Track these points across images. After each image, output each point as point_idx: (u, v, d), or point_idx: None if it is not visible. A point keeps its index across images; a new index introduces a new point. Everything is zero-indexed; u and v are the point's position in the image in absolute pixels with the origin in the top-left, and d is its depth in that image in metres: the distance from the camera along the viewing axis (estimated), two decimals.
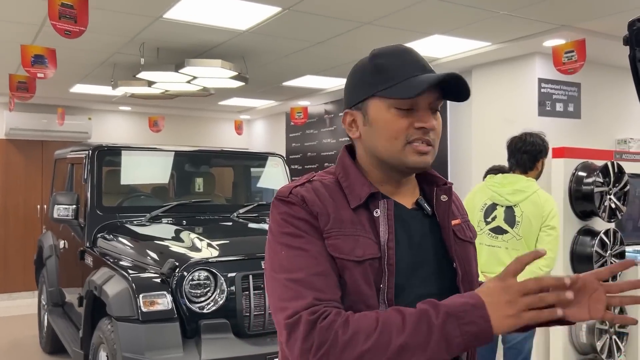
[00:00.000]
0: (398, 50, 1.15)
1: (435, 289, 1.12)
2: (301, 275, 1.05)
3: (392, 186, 1.19)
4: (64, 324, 4.47)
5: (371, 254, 1.07)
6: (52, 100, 7.56)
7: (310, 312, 1.00)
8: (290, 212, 1.11)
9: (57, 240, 5.03)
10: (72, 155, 4.75)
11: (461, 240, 1.21)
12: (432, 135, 1.13)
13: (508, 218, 3.07)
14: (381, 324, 0.97)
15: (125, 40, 4.54)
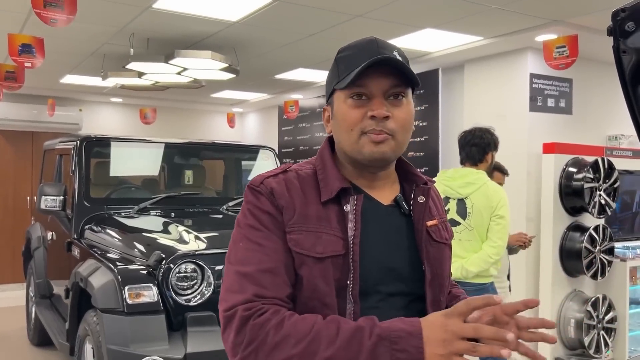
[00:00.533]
0: (359, 43, 1.13)
1: (405, 288, 1.11)
2: (250, 269, 1.04)
3: (366, 180, 1.17)
4: (51, 316, 4.44)
5: (332, 251, 1.05)
6: (43, 90, 7.49)
7: (245, 307, 1.00)
8: (256, 204, 1.10)
9: (45, 231, 4.99)
10: (61, 146, 4.71)
11: (436, 242, 1.18)
12: (390, 124, 1.09)
13: (460, 210, 3.14)
14: (314, 332, 0.96)
15: (114, 30, 4.50)
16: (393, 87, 1.10)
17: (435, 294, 1.14)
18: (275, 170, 1.16)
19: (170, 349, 2.86)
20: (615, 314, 4.50)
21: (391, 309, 1.09)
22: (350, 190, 1.12)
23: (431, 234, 1.17)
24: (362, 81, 1.09)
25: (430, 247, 1.16)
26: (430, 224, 1.17)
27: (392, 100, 1.11)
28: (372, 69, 1.07)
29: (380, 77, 1.09)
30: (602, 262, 4.41)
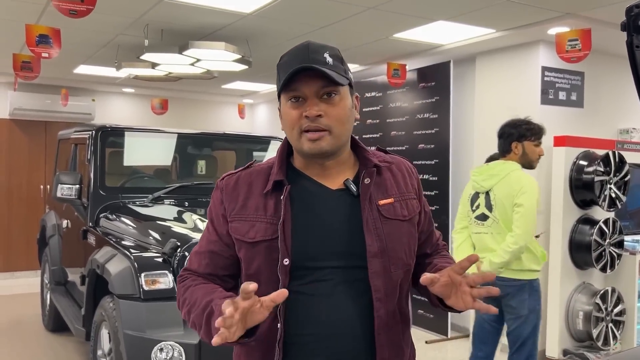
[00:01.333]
0: (294, 49, 1.28)
1: (347, 262, 1.25)
2: (195, 249, 1.39)
3: (316, 169, 1.31)
4: (67, 302, 4.53)
5: (262, 237, 1.25)
6: (56, 81, 7.56)
7: (179, 275, 1.39)
8: (213, 197, 1.36)
9: (60, 219, 5.08)
10: (76, 136, 4.78)
11: (387, 218, 1.29)
12: (324, 121, 1.23)
13: (487, 203, 3.19)
14: (194, 299, 1.27)
15: (129, 21, 4.54)
16: (322, 87, 1.23)
17: (385, 265, 1.26)
18: (240, 167, 1.38)
19: (185, 335, 2.93)
20: (624, 306, 4.53)
21: (338, 281, 1.24)
22: (283, 182, 1.28)
23: (381, 212, 1.29)
24: (295, 85, 1.23)
25: (381, 223, 1.28)
26: (383, 203, 1.30)
27: (325, 99, 1.24)
28: (303, 74, 1.21)
29: (310, 80, 1.23)
30: (611, 255, 4.43)
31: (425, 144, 5.57)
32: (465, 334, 5.21)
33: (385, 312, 1.25)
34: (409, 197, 1.35)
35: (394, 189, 1.34)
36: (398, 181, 1.36)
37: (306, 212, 1.27)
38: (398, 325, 1.30)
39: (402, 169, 1.39)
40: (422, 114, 5.62)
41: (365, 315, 1.24)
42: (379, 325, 1.24)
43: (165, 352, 2.89)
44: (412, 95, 5.76)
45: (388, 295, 1.26)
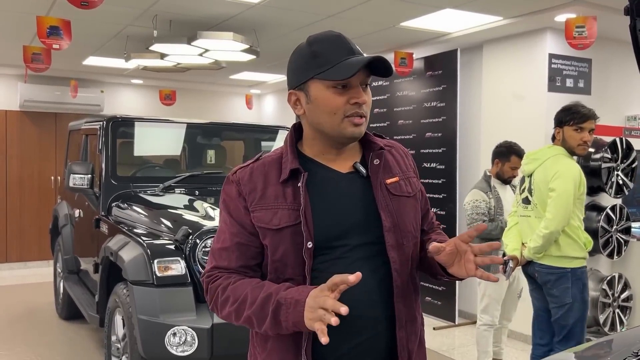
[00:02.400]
0: (331, 37, 1.33)
1: (367, 238, 1.35)
2: (216, 246, 1.40)
3: (332, 154, 1.39)
4: (80, 290, 4.61)
5: (286, 222, 1.32)
6: (65, 72, 7.62)
7: (207, 275, 1.40)
8: (228, 192, 1.40)
9: (72, 209, 5.15)
10: (87, 127, 4.84)
11: (395, 195, 1.39)
12: (364, 108, 1.33)
13: (529, 187, 3.21)
14: (244, 296, 1.31)
15: (138, 12, 4.58)
16: (365, 78, 1.33)
17: (398, 239, 1.36)
18: (248, 161, 1.43)
19: (197, 320, 2.99)
20: (630, 292, 4.56)
21: (357, 257, 1.33)
22: (299, 169, 1.35)
23: (390, 189, 1.39)
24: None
25: (390, 200, 1.38)
26: (390, 181, 1.40)
27: (363, 89, 1.33)
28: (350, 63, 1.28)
29: (360, 71, 1.29)
30: (618, 241, 4.45)
31: (432, 132, 5.59)
32: (472, 321, 5.26)
33: (401, 281, 1.36)
34: (409, 176, 1.46)
35: (397, 168, 1.44)
36: (399, 162, 1.46)
37: (322, 196, 1.35)
38: (411, 295, 1.40)
39: (399, 151, 1.50)
40: (429, 102, 5.64)
41: (383, 286, 1.34)
42: (397, 294, 1.35)
43: (178, 336, 2.95)
44: (419, 83, 5.77)
45: (403, 266, 1.36)
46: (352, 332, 1.31)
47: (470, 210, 3.78)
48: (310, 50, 1.32)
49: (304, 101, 1.35)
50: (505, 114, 5.14)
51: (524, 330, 4.91)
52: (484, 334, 3.88)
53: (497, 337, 4.05)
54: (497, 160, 3.81)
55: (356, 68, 1.26)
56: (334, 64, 1.28)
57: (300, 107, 1.37)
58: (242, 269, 1.37)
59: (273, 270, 1.34)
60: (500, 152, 3.82)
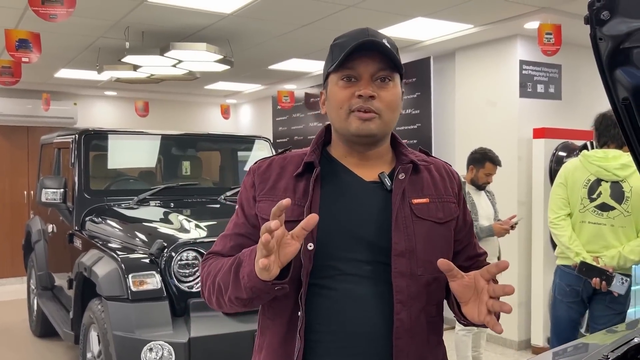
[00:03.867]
0: (351, 32, 1.25)
1: (370, 256, 1.20)
2: (223, 233, 1.36)
3: (356, 158, 1.28)
4: (54, 307, 4.52)
5: (288, 217, 1.14)
6: (37, 85, 7.51)
7: (204, 259, 1.35)
8: (245, 181, 1.34)
9: (45, 224, 5.06)
10: (59, 140, 4.77)
11: (419, 218, 1.23)
12: (375, 103, 1.20)
13: (615, 194, 2.94)
14: (218, 267, 1.26)
15: (110, 24, 4.54)
16: (379, 70, 1.21)
17: (412, 267, 1.20)
18: (277, 152, 1.36)
19: (174, 334, 2.95)
20: None
21: (361, 274, 1.19)
22: (313, 163, 1.26)
23: (414, 210, 1.23)
24: (352, 64, 1.21)
25: (413, 222, 1.22)
26: (417, 202, 1.24)
27: (379, 83, 1.22)
28: (361, 54, 1.19)
29: (368, 60, 1.20)
30: None
31: (408, 139, 5.64)
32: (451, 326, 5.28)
33: (407, 315, 1.18)
34: (447, 200, 1.29)
35: (431, 189, 1.28)
36: (436, 182, 1.30)
37: (335, 199, 1.23)
38: (423, 334, 1.22)
39: (442, 171, 1.34)
40: (404, 109, 5.68)
41: (387, 317, 1.18)
42: (398, 329, 1.17)
43: (154, 351, 2.90)
44: None
45: (413, 298, 1.19)
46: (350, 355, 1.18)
47: None
48: (330, 46, 1.27)
49: (325, 99, 1.30)
50: (479, 119, 5.21)
51: (503, 334, 4.95)
52: (462, 339, 3.90)
53: (476, 342, 4.07)
54: (472, 167, 3.85)
55: (346, 53, 1.17)
56: (342, 52, 1.19)
57: (324, 107, 1.31)
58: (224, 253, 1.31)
59: None
60: (474, 158, 3.85)
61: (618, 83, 1.38)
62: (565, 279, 3.10)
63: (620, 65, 1.35)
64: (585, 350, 1.61)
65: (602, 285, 2.84)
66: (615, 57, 1.32)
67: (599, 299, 3.01)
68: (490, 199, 3.94)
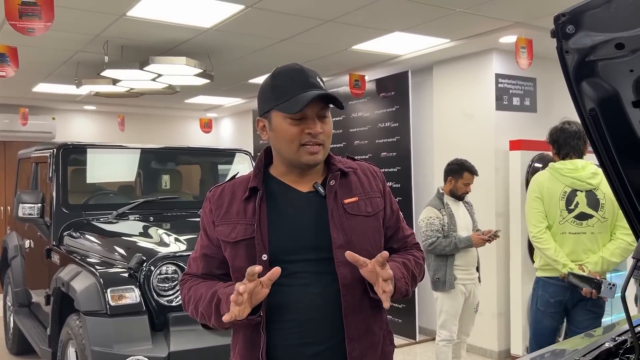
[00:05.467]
0: (291, 70, 1.44)
1: (314, 256, 1.43)
2: (191, 255, 1.59)
3: (295, 176, 1.49)
4: (31, 324, 4.45)
5: (242, 236, 1.43)
6: (15, 100, 7.44)
7: (180, 279, 1.59)
8: (204, 207, 1.55)
9: (22, 240, 4.99)
10: (37, 155, 4.72)
11: (352, 214, 1.47)
12: (321, 137, 1.43)
13: (591, 202, 3.02)
14: (199, 296, 1.46)
15: (88, 38, 4.54)
16: (321, 109, 1.43)
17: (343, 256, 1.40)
18: (227, 180, 1.57)
19: (153, 348, 2.93)
20: None
21: (310, 270, 1.42)
22: (256, 187, 1.48)
23: (346, 209, 1.46)
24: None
25: (346, 219, 1.45)
26: (348, 201, 1.48)
27: (320, 119, 1.43)
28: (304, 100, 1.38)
29: (313, 104, 1.40)
30: None
31: (387, 152, 5.69)
32: (432, 337, 5.31)
33: (351, 297, 1.42)
34: (373, 196, 1.53)
35: (359, 189, 1.51)
36: (363, 183, 1.54)
37: (279, 213, 1.45)
38: (367, 310, 1.45)
39: (367, 172, 1.57)
40: (384, 122, 5.74)
41: (336, 301, 1.41)
42: (346, 309, 1.41)
43: None
44: (373, 105, 5.88)
45: (355, 282, 1.41)
46: (310, 342, 1.41)
47: (424, 227, 3.84)
48: (272, 83, 1.44)
49: (268, 128, 1.47)
50: (456, 132, 5.28)
51: (482, 344, 4.99)
52: (442, 349, 3.92)
53: (456, 352, 4.09)
54: (450, 178, 3.90)
55: (303, 104, 1.36)
56: (289, 98, 1.39)
57: (265, 133, 1.49)
58: (208, 276, 1.52)
59: (235, 280, 1.44)
60: (452, 169, 3.91)
61: (584, 94, 1.43)
62: (550, 291, 3.13)
63: (586, 77, 1.40)
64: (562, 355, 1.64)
65: (592, 294, 2.87)
66: (581, 69, 1.37)
67: (581, 305, 3.07)
68: (468, 210, 3.99)
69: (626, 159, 1.51)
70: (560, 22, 1.30)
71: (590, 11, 1.26)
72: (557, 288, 3.08)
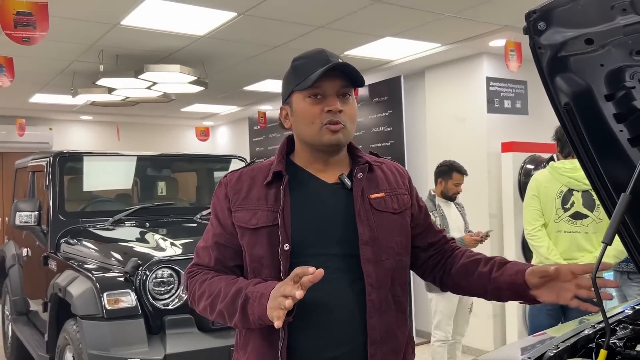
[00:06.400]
0: (311, 52, 1.41)
1: (341, 250, 1.36)
2: (200, 245, 1.47)
3: (320, 164, 1.43)
4: (29, 332, 4.47)
5: (264, 223, 1.36)
6: (11, 111, 7.50)
7: (188, 272, 1.46)
8: (217, 194, 1.46)
9: (19, 249, 5.02)
10: (34, 163, 4.77)
11: (378, 210, 1.40)
12: (342, 117, 1.37)
13: (586, 202, 3.03)
14: (217, 291, 1.35)
15: (84, 47, 4.60)
16: (342, 87, 1.37)
17: (376, 253, 1.36)
18: (244, 165, 1.50)
19: (150, 351, 2.96)
20: None
21: (336, 267, 1.34)
22: (281, 172, 1.40)
23: (372, 204, 1.40)
24: (318, 84, 1.35)
25: (372, 215, 1.39)
26: (374, 196, 1.41)
27: (341, 99, 1.38)
28: (325, 74, 1.34)
29: (332, 80, 1.36)
30: None
31: (382, 156, 5.74)
32: (429, 340, 5.33)
33: (377, 296, 1.34)
34: (400, 193, 1.46)
35: (385, 184, 1.45)
36: (389, 178, 1.47)
37: (304, 202, 1.38)
38: (391, 312, 1.38)
39: (392, 168, 1.52)
40: (377, 127, 5.80)
41: (360, 300, 1.34)
42: (370, 309, 1.33)
43: None
44: (367, 110, 5.94)
45: (380, 281, 1.35)
46: (331, 343, 1.33)
47: None
48: (292, 67, 1.41)
49: (290, 114, 1.42)
50: (449, 135, 5.34)
51: (478, 345, 5.02)
52: (438, 350, 3.96)
53: (451, 353, 4.13)
54: (440, 179, 3.95)
55: (319, 75, 1.32)
56: (308, 75, 1.34)
57: (288, 121, 1.43)
58: (220, 267, 1.41)
59: (251, 271, 1.38)
60: (442, 171, 3.96)
61: (559, 90, 1.48)
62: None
63: (559, 73, 1.45)
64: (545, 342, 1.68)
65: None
66: (554, 65, 1.42)
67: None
68: (460, 211, 4.03)
69: (602, 152, 1.55)
70: (532, 19, 1.34)
71: (560, 8, 1.30)
72: None
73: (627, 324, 1.51)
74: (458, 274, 1.47)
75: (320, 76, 1.33)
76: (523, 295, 1.38)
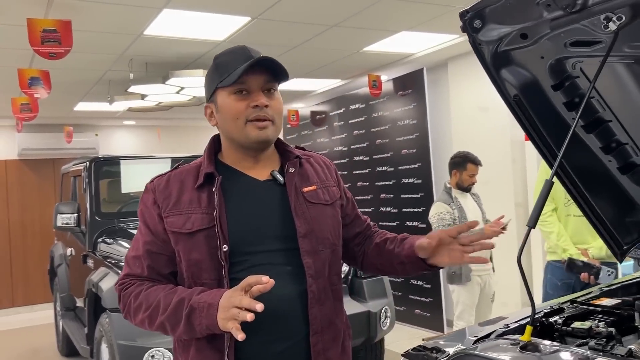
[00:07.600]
0: (233, 49, 1.42)
1: (281, 245, 1.38)
2: (130, 254, 1.44)
3: (249, 162, 1.43)
4: (75, 325, 4.80)
5: (199, 226, 1.34)
6: (59, 119, 7.94)
7: (119, 283, 1.42)
8: (145, 200, 1.43)
9: (65, 249, 5.37)
10: (74, 168, 5.10)
11: (312, 203, 1.43)
12: (269, 111, 1.37)
13: None
14: (156, 302, 1.32)
15: (114, 57, 4.87)
16: (267, 82, 1.38)
17: (313, 245, 1.39)
18: (169, 169, 1.47)
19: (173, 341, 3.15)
20: None
21: (273, 262, 1.36)
22: (214, 174, 1.39)
23: (306, 197, 1.43)
24: (243, 79, 1.35)
25: (307, 208, 1.41)
26: (307, 190, 1.44)
27: (267, 94, 1.38)
28: (249, 70, 1.34)
29: (256, 75, 1.36)
30: None
31: (407, 149, 5.79)
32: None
33: (316, 287, 1.37)
34: (329, 185, 1.50)
35: (315, 177, 1.48)
36: (317, 171, 1.50)
37: (238, 201, 1.37)
38: (329, 301, 1.41)
39: (319, 162, 1.54)
40: (402, 120, 5.85)
41: (300, 292, 1.36)
42: (311, 300, 1.36)
43: (156, 358, 3.11)
44: (391, 104, 6.00)
45: (318, 271, 1.38)
46: (276, 338, 1.34)
47: (436, 223, 3.93)
48: (215, 64, 1.41)
49: (215, 112, 1.41)
50: (473, 125, 5.33)
51: None
52: None
53: None
54: (455, 171, 3.98)
55: (242, 70, 1.31)
56: (231, 72, 1.34)
57: (213, 119, 1.42)
58: (154, 275, 1.38)
59: (189, 276, 1.35)
60: (456, 162, 3.99)
61: (506, 82, 1.55)
62: (557, 274, 3.19)
63: (503, 66, 1.52)
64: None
65: (590, 279, 2.93)
66: (497, 59, 1.50)
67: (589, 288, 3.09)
68: (476, 201, 4.06)
69: (557, 140, 1.61)
70: (467, 18, 1.42)
71: (491, 6, 1.37)
72: (564, 271, 3.12)
73: (578, 304, 1.57)
74: (372, 254, 1.55)
75: (244, 71, 1.32)
76: (423, 267, 1.46)
